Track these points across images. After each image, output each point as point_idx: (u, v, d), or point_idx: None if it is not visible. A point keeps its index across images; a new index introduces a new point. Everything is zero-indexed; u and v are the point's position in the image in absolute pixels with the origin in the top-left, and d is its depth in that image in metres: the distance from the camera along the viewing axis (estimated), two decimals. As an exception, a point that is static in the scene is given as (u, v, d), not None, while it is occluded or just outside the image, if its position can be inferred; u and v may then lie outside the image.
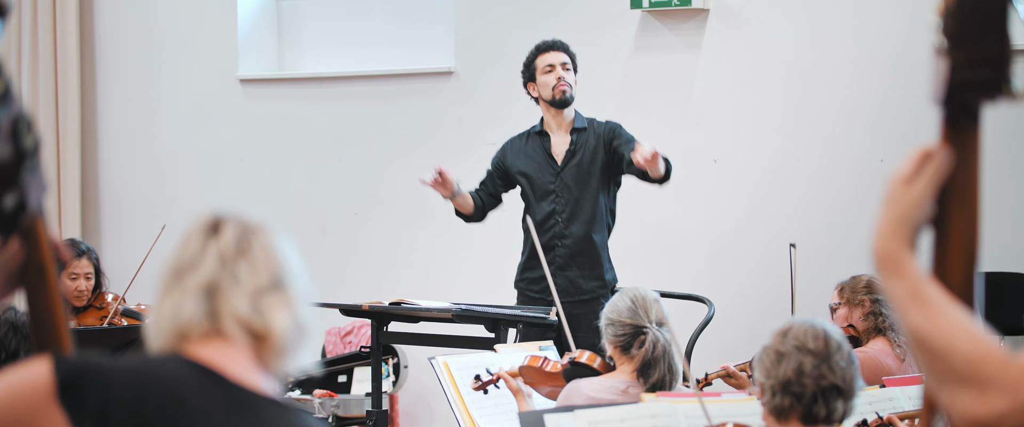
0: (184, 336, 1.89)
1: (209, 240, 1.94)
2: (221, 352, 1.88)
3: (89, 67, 8.45)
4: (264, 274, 1.93)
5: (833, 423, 2.99)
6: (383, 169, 7.78)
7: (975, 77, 1.59)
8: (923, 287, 1.62)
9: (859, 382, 3.02)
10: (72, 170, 8.32)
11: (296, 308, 1.95)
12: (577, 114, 5.94)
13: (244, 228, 1.96)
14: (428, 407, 7.64)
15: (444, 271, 7.58)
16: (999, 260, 6.21)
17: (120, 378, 1.81)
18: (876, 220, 1.66)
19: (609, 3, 7.14)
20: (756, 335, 3.09)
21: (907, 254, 1.64)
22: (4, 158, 1.73)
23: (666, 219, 7.05)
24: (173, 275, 1.93)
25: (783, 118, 6.86)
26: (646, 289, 4.13)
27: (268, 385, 1.91)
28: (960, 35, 1.59)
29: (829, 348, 2.98)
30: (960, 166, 1.63)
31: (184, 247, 1.95)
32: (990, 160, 1.65)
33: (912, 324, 1.61)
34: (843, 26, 6.72)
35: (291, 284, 1.96)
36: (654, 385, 4.01)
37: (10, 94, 1.73)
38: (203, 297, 1.90)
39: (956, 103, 1.61)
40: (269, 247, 1.96)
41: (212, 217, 1.97)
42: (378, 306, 5.80)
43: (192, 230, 1.96)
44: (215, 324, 1.90)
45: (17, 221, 1.78)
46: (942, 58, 1.60)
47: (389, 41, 7.96)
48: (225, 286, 1.91)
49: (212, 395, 1.84)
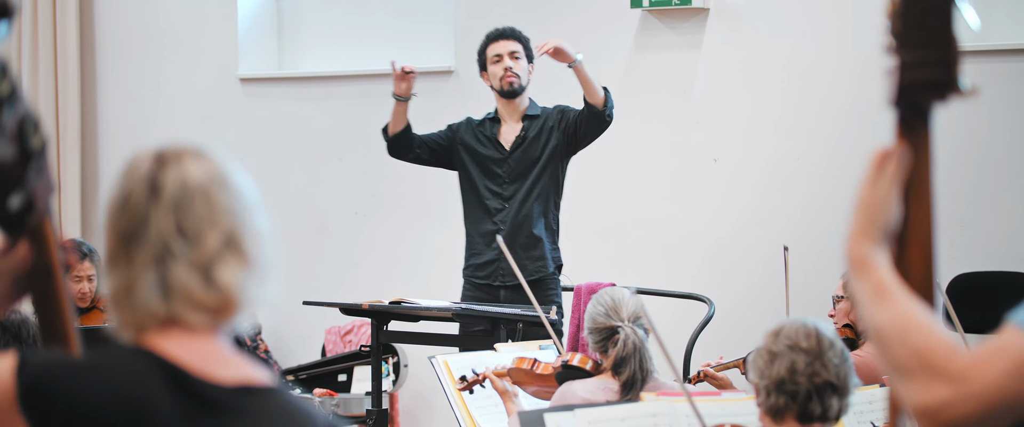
0: (143, 326, 1.80)
1: (151, 203, 1.79)
2: (185, 344, 1.79)
3: (89, 67, 8.46)
4: (213, 236, 1.80)
5: (829, 421, 2.99)
6: (383, 169, 7.77)
7: (924, 77, 1.62)
8: (885, 283, 1.66)
9: (854, 379, 3.03)
10: (72, 170, 8.33)
11: (253, 256, 1.82)
12: (531, 102, 5.96)
13: (183, 184, 1.80)
14: (428, 406, 7.64)
15: (444, 271, 7.58)
16: (1001, 260, 6.22)
17: (84, 384, 1.73)
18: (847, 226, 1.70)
19: (609, 3, 7.14)
20: (756, 335, 3.10)
21: (874, 254, 1.67)
22: (11, 159, 1.72)
23: (666, 219, 7.06)
24: (121, 241, 1.81)
25: (783, 118, 6.86)
26: (619, 289, 4.16)
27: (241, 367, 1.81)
28: (907, 36, 1.62)
29: (821, 346, 2.99)
30: (915, 165, 1.66)
31: (126, 205, 1.81)
32: (990, 161, 1.66)
33: (873, 319, 1.66)
34: (843, 26, 6.72)
35: (246, 232, 1.82)
36: (627, 382, 4.02)
37: (16, 95, 1.72)
38: (155, 277, 1.78)
39: (907, 103, 1.64)
40: (215, 200, 1.81)
41: (150, 169, 1.81)
42: (378, 305, 5.80)
43: (133, 184, 1.81)
44: (171, 312, 1.79)
45: (24, 222, 1.77)
46: (891, 59, 1.62)
47: (389, 41, 7.96)
48: (172, 264, 1.78)
49: (178, 398, 1.75)
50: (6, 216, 1.76)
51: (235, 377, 1.80)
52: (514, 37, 5.93)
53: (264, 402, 1.81)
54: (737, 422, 3.36)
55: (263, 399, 1.81)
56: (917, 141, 1.66)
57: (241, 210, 1.83)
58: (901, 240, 1.68)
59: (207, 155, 1.85)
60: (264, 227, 1.84)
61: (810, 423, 2.98)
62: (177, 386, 1.76)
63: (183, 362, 1.78)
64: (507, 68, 5.88)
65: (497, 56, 5.91)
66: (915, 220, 1.67)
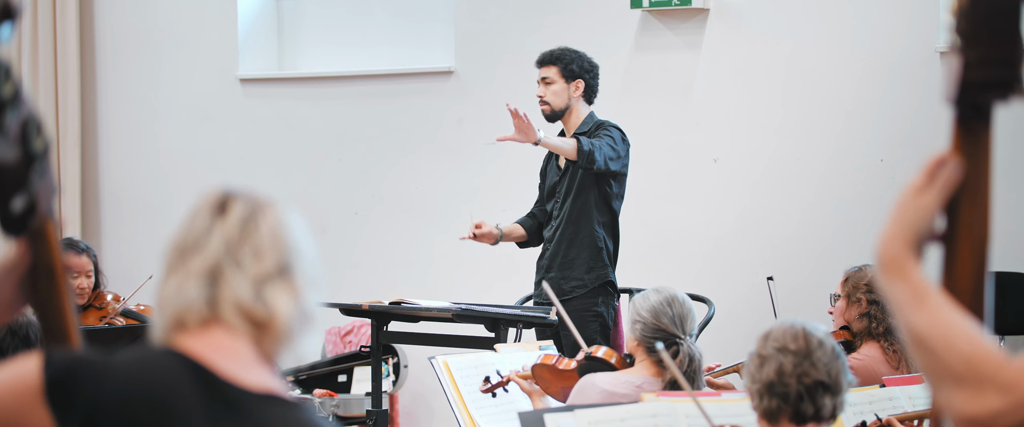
0: (182, 323, 1.83)
1: (215, 219, 1.87)
2: (218, 344, 1.82)
3: (89, 67, 8.46)
4: (270, 259, 1.87)
5: (824, 420, 2.99)
6: (383, 169, 7.78)
7: (988, 76, 1.59)
8: (924, 288, 1.62)
9: (848, 377, 3.03)
10: (72, 170, 8.33)
11: (301, 295, 1.89)
12: (588, 117, 5.93)
13: (252, 208, 1.89)
14: (428, 407, 7.65)
15: (444, 271, 7.59)
16: (1002, 260, 6.22)
17: (111, 381, 1.76)
18: (882, 226, 1.66)
19: (609, 3, 7.14)
20: (756, 335, 3.10)
21: (910, 259, 1.64)
22: (14, 161, 1.73)
23: (666, 219, 7.06)
24: (177, 254, 1.87)
25: (783, 118, 6.87)
26: (685, 296, 4.11)
27: (268, 378, 1.85)
28: (973, 34, 1.58)
29: (809, 345, 2.99)
30: (971, 166, 1.63)
31: (191, 224, 1.88)
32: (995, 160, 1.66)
33: (912, 325, 1.62)
34: (843, 26, 6.72)
35: (299, 269, 1.89)
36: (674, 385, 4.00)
37: (20, 97, 1.73)
38: (206, 281, 1.84)
39: (968, 103, 1.61)
40: (277, 229, 1.89)
41: (221, 193, 1.90)
42: (378, 306, 5.80)
43: (200, 206, 1.89)
44: (214, 311, 1.83)
45: (26, 223, 1.77)
46: (955, 57, 1.60)
47: (389, 41, 7.96)
48: (228, 271, 1.84)
49: (204, 398, 1.78)
50: (9, 218, 1.76)
51: (262, 384, 1.83)
52: (546, 61, 5.94)
53: (287, 413, 1.83)
54: (737, 423, 3.36)
55: (286, 410, 1.84)
56: (976, 142, 1.63)
57: (298, 251, 1.90)
58: (951, 243, 1.65)
59: (274, 201, 1.94)
60: (316, 278, 1.91)
61: (805, 423, 2.98)
62: (203, 385, 1.78)
63: (211, 363, 1.80)
64: (539, 96, 5.91)
65: (537, 82, 5.96)
66: (970, 222, 1.64)
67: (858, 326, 4.90)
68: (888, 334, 4.84)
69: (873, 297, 4.86)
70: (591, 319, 5.86)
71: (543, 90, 5.91)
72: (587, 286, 5.88)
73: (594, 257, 5.89)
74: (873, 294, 4.86)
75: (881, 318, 4.84)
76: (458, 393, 4.58)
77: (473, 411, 4.56)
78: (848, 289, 4.92)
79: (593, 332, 5.82)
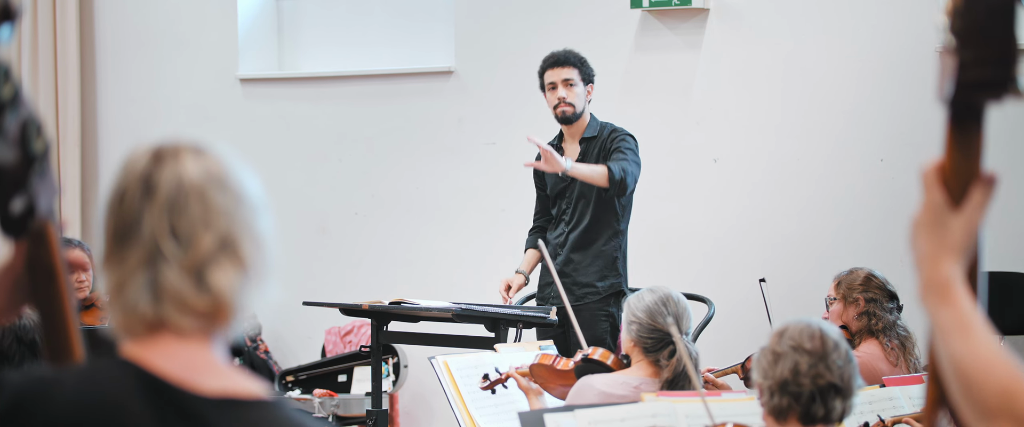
0: (131, 330, 1.74)
1: (144, 202, 1.73)
2: (169, 352, 1.72)
3: (89, 67, 8.46)
4: (207, 237, 1.73)
5: (832, 422, 2.99)
6: (383, 169, 7.78)
7: (982, 76, 1.58)
8: (971, 317, 1.61)
9: (858, 381, 3.02)
10: (72, 170, 8.33)
11: (248, 261, 1.75)
12: (592, 120, 5.93)
13: (179, 183, 1.74)
14: (428, 407, 7.65)
15: (444, 271, 7.59)
16: (1002, 260, 6.22)
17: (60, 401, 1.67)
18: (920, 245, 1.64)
19: (609, 3, 7.14)
20: (756, 335, 3.10)
21: (958, 284, 1.62)
22: (13, 162, 1.72)
23: (666, 219, 7.06)
24: (115, 240, 1.74)
25: (782, 118, 6.87)
26: (680, 295, 4.09)
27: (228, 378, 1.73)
28: (967, 34, 1.58)
29: (826, 347, 2.99)
30: (965, 167, 1.63)
31: (121, 203, 1.75)
32: (992, 160, 1.65)
33: (954, 353, 1.61)
34: (843, 26, 6.72)
35: (243, 228, 1.75)
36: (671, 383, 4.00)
37: (19, 98, 1.72)
38: (145, 279, 1.72)
39: (962, 102, 1.61)
40: (211, 201, 1.74)
41: (146, 166, 1.76)
42: (378, 306, 5.80)
43: (129, 182, 1.76)
44: (160, 315, 1.72)
45: (26, 225, 1.76)
46: (949, 57, 1.60)
47: (389, 41, 7.96)
48: (164, 266, 1.71)
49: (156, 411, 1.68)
50: (8, 219, 1.75)
51: (220, 388, 1.72)
52: (568, 63, 5.89)
53: (249, 414, 1.72)
54: (740, 422, 3.36)
55: (248, 411, 1.73)
56: (969, 142, 1.62)
57: (239, 211, 1.76)
58: None
59: (207, 152, 1.80)
60: (265, 229, 1.77)
61: (813, 424, 2.98)
62: (155, 397, 1.69)
63: (164, 372, 1.70)
64: (561, 98, 5.86)
65: (552, 84, 5.88)
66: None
67: (856, 325, 4.92)
68: (887, 330, 4.86)
69: (870, 295, 4.89)
70: (603, 319, 5.87)
71: (565, 92, 5.85)
72: (601, 294, 5.90)
73: (608, 266, 5.90)
74: (870, 292, 4.90)
75: (880, 315, 4.87)
76: (458, 393, 4.58)
77: (473, 411, 4.56)
78: (843, 291, 4.94)
79: (603, 332, 5.83)
